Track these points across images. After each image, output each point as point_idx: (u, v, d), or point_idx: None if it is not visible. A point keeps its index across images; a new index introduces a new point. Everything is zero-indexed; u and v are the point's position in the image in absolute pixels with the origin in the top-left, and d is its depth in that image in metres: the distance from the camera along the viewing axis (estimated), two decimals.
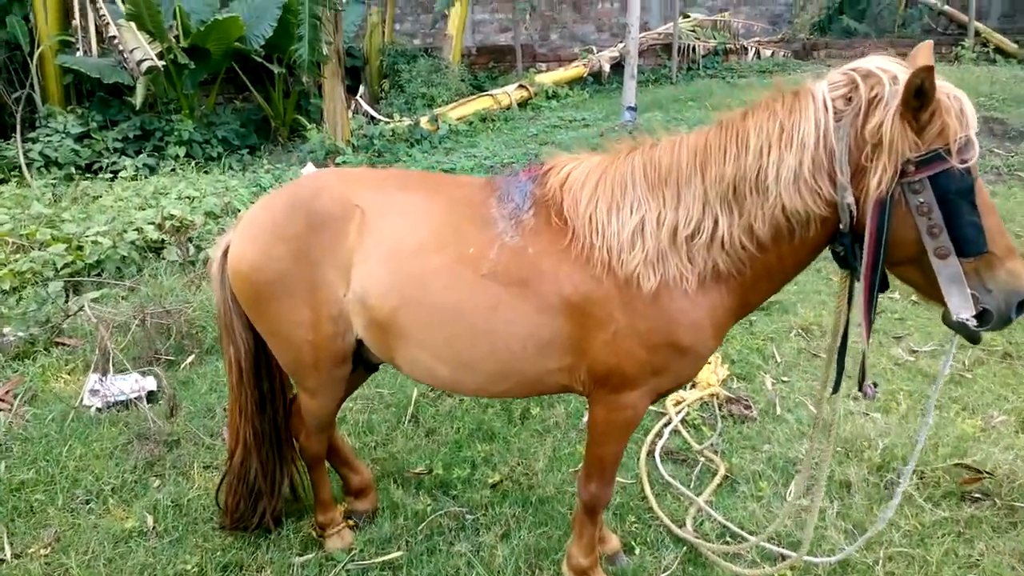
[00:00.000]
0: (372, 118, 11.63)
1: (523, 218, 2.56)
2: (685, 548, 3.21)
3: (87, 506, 3.50)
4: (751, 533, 3.31)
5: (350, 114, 10.99)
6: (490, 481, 3.63)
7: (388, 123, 11.15)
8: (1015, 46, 14.96)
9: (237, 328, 2.99)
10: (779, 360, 4.82)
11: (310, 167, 9.54)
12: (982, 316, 2.11)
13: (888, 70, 2.09)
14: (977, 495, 3.47)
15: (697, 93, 11.81)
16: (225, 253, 2.90)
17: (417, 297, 2.56)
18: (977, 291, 2.11)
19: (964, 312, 2.09)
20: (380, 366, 3.05)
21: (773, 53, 15.34)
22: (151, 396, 4.40)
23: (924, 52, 2.20)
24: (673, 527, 3.30)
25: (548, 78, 13.37)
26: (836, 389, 2.54)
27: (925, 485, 3.55)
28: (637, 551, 3.24)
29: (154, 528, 3.34)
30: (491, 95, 12.37)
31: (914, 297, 5.01)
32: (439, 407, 4.26)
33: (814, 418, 2.72)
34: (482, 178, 2.79)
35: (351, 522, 3.39)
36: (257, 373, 3.09)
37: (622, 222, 2.41)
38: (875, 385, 2.42)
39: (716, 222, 2.30)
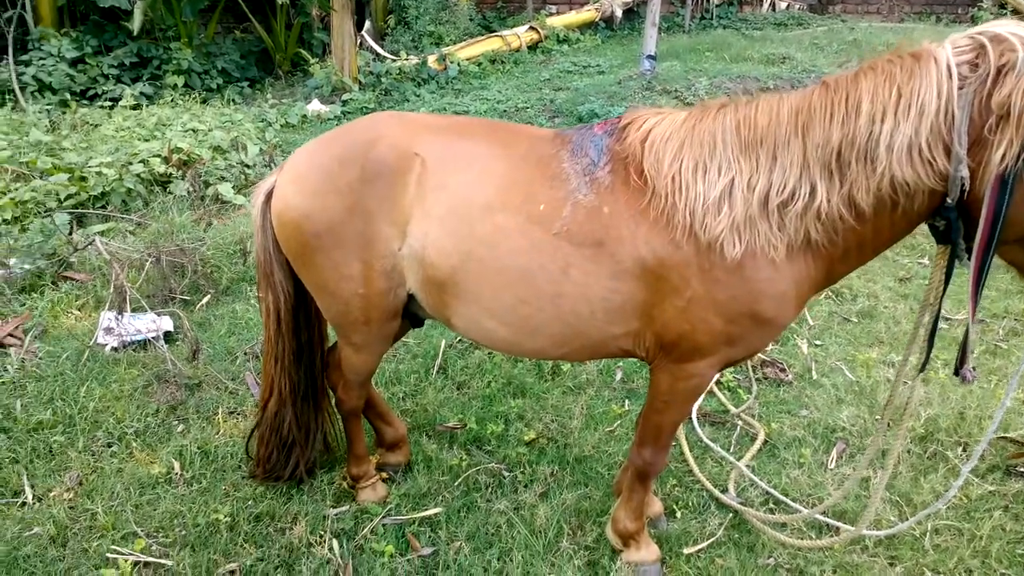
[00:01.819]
0: (377, 55, 11.26)
1: (598, 175, 2.39)
2: (730, 514, 3.15)
3: (109, 449, 3.38)
4: (794, 500, 3.25)
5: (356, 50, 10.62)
6: (525, 438, 3.53)
7: (395, 61, 10.80)
8: None
9: (277, 276, 2.84)
10: (811, 324, 4.73)
11: (316, 103, 9.26)
12: None
13: (1020, 35, 1.92)
14: (1022, 470, 3.42)
15: (714, 43, 11.51)
16: (268, 198, 2.73)
17: (481, 256, 2.41)
18: None
19: None
20: (427, 321, 2.91)
21: (788, 6, 14.96)
22: (168, 337, 4.25)
23: None
24: (716, 492, 3.23)
25: (559, 21, 12.98)
26: (924, 367, 2.44)
27: (971, 458, 3.50)
28: (679, 515, 3.17)
29: (181, 475, 3.23)
30: (501, 36, 12.00)
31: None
32: (468, 360, 4.15)
33: (888, 397, 2.61)
34: (551, 130, 2.62)
35: (384, 475, 3.30)
36: (296, 322, 2.95)
37: (709, 183, 2.24)
38: (974, 368, 2.30)
39: (814, 189, 2.14)
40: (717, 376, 4.08)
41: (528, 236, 2.37)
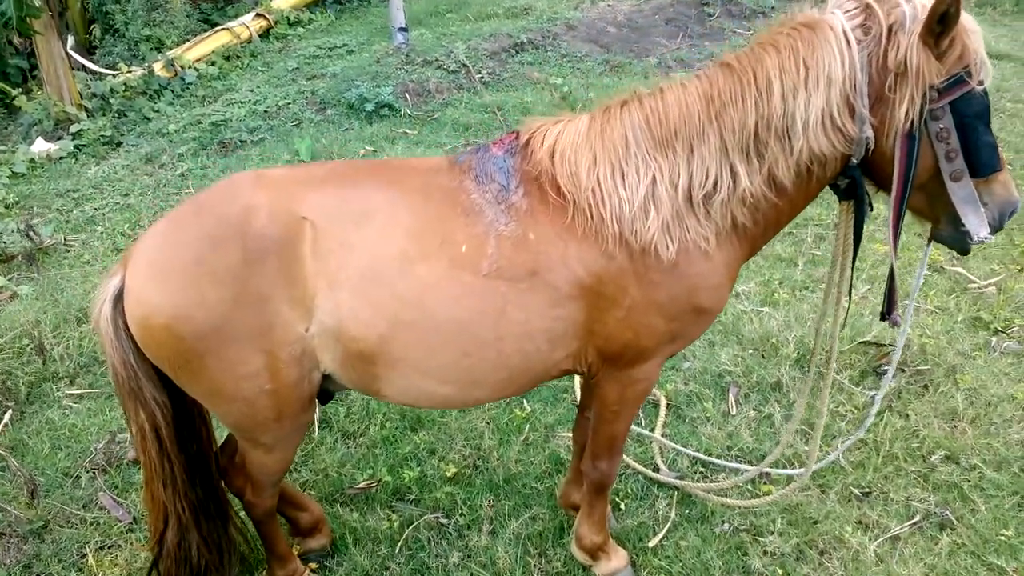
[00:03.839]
0: (93, 73, 9.91)
1: (513, 200, 2.21)
2: (672, 492, 3.18)
3: None
4: (719, 457, 3.35)
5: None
6: (447, 474, 3.32)
7: (116, 75, 9.56)
8: None
9: (147, 391, 2.36)
10: None
11: (41, 143, 7.97)
12: None
13: None
14: (887, 368, 3.77)
15: (451, 4, 11.36)
16: (116, 302, 2.24)
17: (410, 317, 2.15)
18: None
19: (982, 231, 2.10)
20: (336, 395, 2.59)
21: None
22: None
23: None
24: (651, 474, 3.25)
25: (286, 3, 12.11)
26: (844, 323, 2.54)
27: (843, 369, 3.80)
28: (623, 507, 3.16)
29: None
30: (228, 29, 10.97)
31: None
32: (349, 404, 3.80)
33: (810, 351, 2.70)
34: (440, 158, 2.37)
35: (313, 564, 2.95)
36: (180, 435, 2.50)
37: (630, 187, 2.15)
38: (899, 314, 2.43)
39: (736, 175, 2.12)
40: None
41: (457, 283, 2.15)
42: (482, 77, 8.58)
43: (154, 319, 2.14)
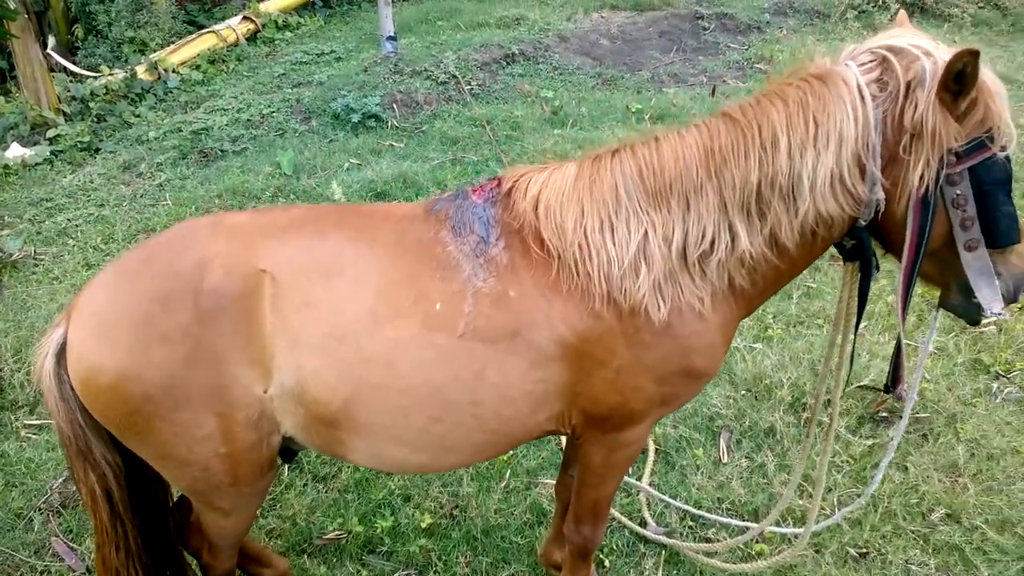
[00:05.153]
0: (73, 75, 9.68)
1: (493, 254, 2.04)
2: (659, 548, 3.01)
3: None
4: (709, 510, 3.19)
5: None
6: (421, 525, 3.13)
7: (96, 78, 9.34)
8: None
9: (97, 451, 2.18)
10: None
11: (16, 148, 7.73)
12: None
13: (919, 45, 1.83)
14: (885, 414, 3.62)
15: (443, 12, 11.20)
16: (59, 357, 2.06)
17: (377, 380, 1.98)
18: None
19: (996, 305, 1.94)
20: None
21: None
22: None
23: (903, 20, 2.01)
24: (639, 529, 3.08)
25: (273, 6, 11.90)
26: (845, 388, 2.38)
27: (839, 415, 3.64)
28: (608, 564, 2.99)
29: None
30: (214, 32, 10.75)
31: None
32: None
33: (811, 417, 2.54)
34: (415, 205, 2.19)
35: None
36: (134, 498, 2.31)
37: (620, 243, 1.99)
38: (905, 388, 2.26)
39: (735, 235, 1.96)
40: None
41: (430, 345, 1.98)
42: (472, 89, 8.40)
43: (98, 378, 1.96)
